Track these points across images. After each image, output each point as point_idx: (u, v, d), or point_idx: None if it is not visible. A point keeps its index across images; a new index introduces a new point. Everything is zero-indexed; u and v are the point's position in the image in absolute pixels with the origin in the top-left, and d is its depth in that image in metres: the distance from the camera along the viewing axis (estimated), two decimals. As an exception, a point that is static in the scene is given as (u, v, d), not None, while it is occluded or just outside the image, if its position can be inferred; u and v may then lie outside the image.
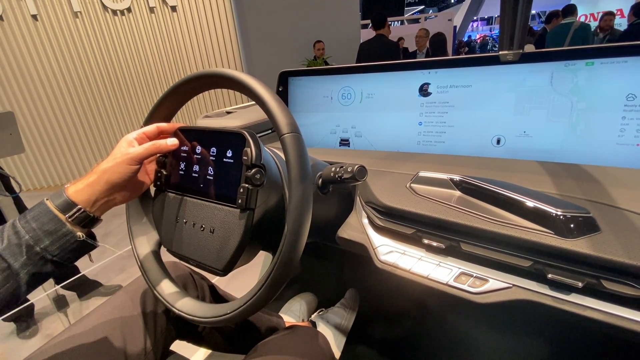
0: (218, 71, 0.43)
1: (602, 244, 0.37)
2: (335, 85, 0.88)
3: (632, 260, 0.35)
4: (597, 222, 0.40)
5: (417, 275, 0.48)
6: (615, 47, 0.60)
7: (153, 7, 3.45)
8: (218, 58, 3.74)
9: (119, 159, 0.44)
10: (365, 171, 0.48)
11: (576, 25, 3.04)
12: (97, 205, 0.44)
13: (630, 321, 0.36)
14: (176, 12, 3.54)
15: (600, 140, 0.62)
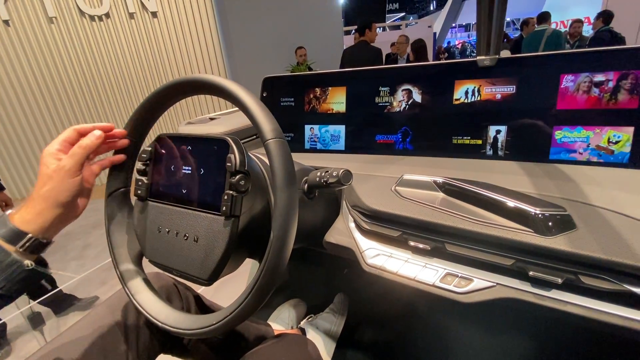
0: (201, 77, 0.43)
1: (579, 240, 0.39)
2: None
3: (607, 255, 0.36)
4: (574, 219, 0.42)
5: (404, 277, 0.48)
6: (586, 53, 0.63)
7: (133, 12, 3.39)
8: (201, 64, 3.71)
9: (58, 176, 0.42)
10: (351, 175, 0.49)
11: (549, 32, 3.18)
12: (50, 231, 0.42)
13: (607, 314, 0.37)
14: (157, 17, 3.49)
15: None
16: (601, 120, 0.62)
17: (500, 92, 0.70)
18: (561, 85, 0.64)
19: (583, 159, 0.63)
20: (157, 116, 0.51)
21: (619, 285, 0.37)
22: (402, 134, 0.81)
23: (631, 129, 0.60)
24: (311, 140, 0.92)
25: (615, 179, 0.54)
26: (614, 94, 0.60)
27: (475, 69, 0.71)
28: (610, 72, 0.60)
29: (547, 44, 3.13)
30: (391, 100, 0.81)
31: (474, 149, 0.73)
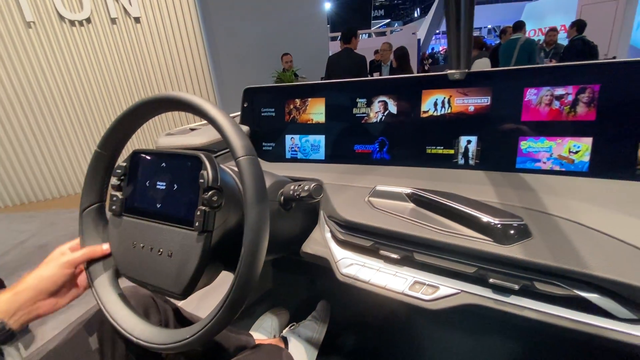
0: (174, 95, 0.44)
1: (533, 249, 0.41)
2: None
3: (557, 263, 0.39)
4: (530, 228, 0.44)
5: (376, 286, 0.50)
6: (547, 67, 0.67)
7: (115, 18, 3.35)
8: (186, 71, 3.68)
9: (53, 262, 0.44)
10: (322, 189, 0.50)
11: (522, 40, 3.32)
12: (17, 316, 0.41)
13: (559, 318, 0.39)
14: (140, 23, 3.45)
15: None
16: (562, 131, 0.65)
17: (470, 103, 0.73)
18: (525, 99, 0.68)
19: (547, 168, 0.67)
20: (132, 132, 0.52)
21: (570, 291, 0.39)
22: (379, 144, 0.83)
23: (589, 139, 0.63)
24: (292, 150, 0.93)
25: (574, 188, 0.57)
26: (573, 107, 0.64)
27: (447, 82, 0.74)
28: (570, 87, 0.64)
29: (520, 51, 3.28)
30: (368, 111, 0.83)
31: (447, 158, 0.76)
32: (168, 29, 3.51)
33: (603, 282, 0.38)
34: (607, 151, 0.62)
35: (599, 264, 0.38)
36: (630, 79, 0.59)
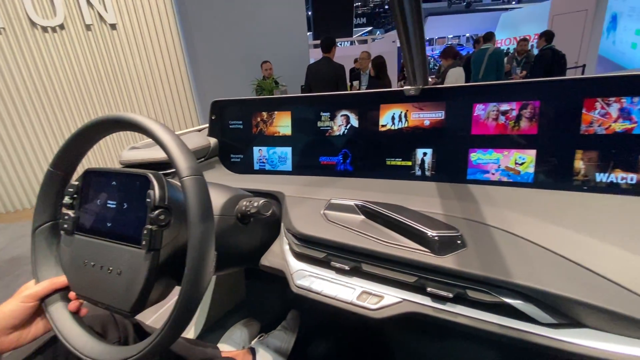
0: (118, 116, 0.45)
1: (465, 259, 0.44)
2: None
3: (485, 272, 0.42)
4: (465, 239, 0.47)
5: (327, 296, 0.52)
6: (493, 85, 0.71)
7: (90, 24, 3.29)
8: (164, 78, 3.65)
9: (14, 298, 0.44)
10: (270, 206, 0.52)
11: (490, 50, 3.49)
12: None
13: (488, 323, 0.42)
14: (116, 30, 3.41)
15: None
16: (508, 144, 0.69)
17: (425, 118, 0.77)
18: (474, 113, 0.72)
19: (495, 179, 0.71)
20: (85, 151, 0.52)
21: (497, 298, 0.42)
22: (342, 156, 0.86)
23: (533, 151, 0.68)
24: (260, 161, 0.95)
25: (515, 199, 0.61)
26: (517, 122, 0.68)
27: (403, 97, 0.78)
28: (513, 103, 0.68)
29: (489, 61, 3.45)
30: (332, 124, 0.86)
31: (405, 169, 0.79)
32: (146, 36, 3.48)
33: (525, 290, 0.41)
34: (548, 163, 0.66)
35: (522, 272, 0.42)
36: (565, 95, 0.64)
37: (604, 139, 0.62)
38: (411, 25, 0.54)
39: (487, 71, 3.45)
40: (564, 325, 0.40)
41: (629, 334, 0.37)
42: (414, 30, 0.55)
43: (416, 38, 0.59)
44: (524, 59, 4.25)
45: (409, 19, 0.51)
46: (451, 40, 13.46)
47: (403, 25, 0.54)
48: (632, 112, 0.60)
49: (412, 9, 0.48)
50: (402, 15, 0.49)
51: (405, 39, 0.59)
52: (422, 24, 0.56)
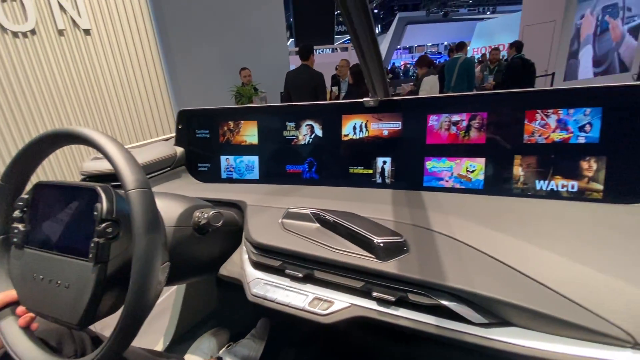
0: (65, 130, 0.45)
1: (407, 264, 0.47)
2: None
3: (423, 276, 0.45)
4: (409, 245, 0.50)
5: (281, 304, 0.53)
6: (445, 97, 0.75)
7: (62, 29, 3.21)
8: (141, 85, 3.59)
9: None
10: (220, 217, 0.53)
11: (462, 59, 3.65)
12: None
13: (427, 325, 0.45)
14: (90, 35, 3.33)
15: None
16: (460, 152, 0.73)
17: (383, 128, 0.80)
18: (428, 124, 0.75)
19: (449, 185, 0.74)
20: (36, 165, 0.52)
21: (435, 300, 0.45)
22: (308, 164, 0.88)
23: (483, 159, 0.72)
24: (227, 170, 0.96)
25: (462, 205, 0.65)
26: (467, 131, 0.73)
27: (363, 108, 0.81)
28: (463, 114, 0.72)
29: (460, 69, 3.61)
30: (297, 134, 0.88)
31: (367, 177, 0.82)
32: (121, 42, 3.42)
33: (459, 292, 0.43)
34: (495, 171, 0.70)
35: (457, 275, 0.44)
36: (509, 107, 0.68)
37: (544, 148, 0.67)
38: (365, 42, 0.57)
39: (459, 79, 3.60)
40: (494, 324, 0.43)
41: (551, 332, 0.40)
42: (368, 46, 0.58)
43: (371, 53, 0.62)
44: (496, 67, 4.44)
45: (362, 36, 0.54)
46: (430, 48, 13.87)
47: (357, 43, 0.56)
48: (568, 123, 0.65)
49: (365, 28, 0.50)
50: (355, 33, 0.52)
51: (361, 54, 0.62)
52: (376, 41, 0.59)
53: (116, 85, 3.46)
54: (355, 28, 0.50)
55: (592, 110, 0.63)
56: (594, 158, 0.63)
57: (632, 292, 0.38)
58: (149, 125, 3.68)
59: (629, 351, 0.36)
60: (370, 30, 0.52)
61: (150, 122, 3.67)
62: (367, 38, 0.54)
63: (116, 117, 3.53)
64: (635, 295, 0.38)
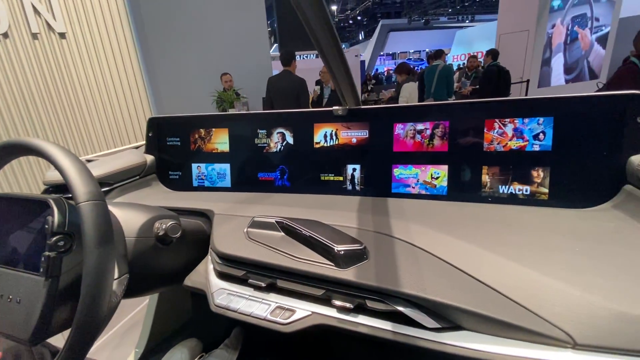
0: (13, 141, 0.44)
1: (364, 271, 0.48)
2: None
3: (380, 283, 0.46)
4: (369, 252, 0.51)
5: (243, 314, 0.53)
6: (410, 106, 0.78)
7: (36, 33, 3.11)
8: (120, 91, 3.51)
9: None
10: (179, 227, 0.53)
11: (440, 66, 3.78)
12: None
13: (384, 331, 0.46)
14: (66, 39, 3.25)
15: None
16: (425, 160, 0.76)
17: (352, 136, 0.81)
18: (395, 132, 0.77)
19: (415, 192, 0.76)
20: None
21: (391, 307, 0.46)
22: (280, 172, 0.88)
23: (446, 167, 0.74)
24: (199, 178, 0.95)
25: (424, 211, 0.66)
26: (431, 140, 0.75)
27: (333, 117, 0.82)
28: (427, 123, 0.75)
29: (439, 76, 3.72)
30: (268, 141, 0.89)
31: (337, 184, 0.83)
32: (99, 46, 3.35)
33: (413, 298, 0.45)
34: (457, 177, 0.73)
35: (412, 281, 0.46)
36: (469, 116, 0.71)
37: (502, 155, 0.70)
38: (331, 55, 0.58)
39: (439, 86, 3.70)
40: (446, 328, 0.44)
41: (498, 334, 0.42)
42: (335, 58, 0.59)
43: (337, 64, 0.64)
44: (473, 74, 4.58)
45: (326, 48, 0.55)
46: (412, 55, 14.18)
47: (322, 54, 0.58)
48: (524, 132, 0.68)
49: (328, 39, 0.51)
50: (319, 44, 0.53)
51: (328, 66, 0.63)
52: (342, 51, 0.60)
53: (93, 90, 3.38)
54: (318, 39, 0.51)
55: (545, 120, 0.66)
56: (547, 164, 0.66)
57: (572, 294, 0.40)
58: (128, 131, 3.60)
59: (569, 351, 0.38)
60: (334, 41, 0.53)
61: (130, 128, 3.59)
62: (332, 49, 0.55)
63: (93, 123, 3.44)
64: (575, 297, 0.40)
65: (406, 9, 13.46)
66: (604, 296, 0.39)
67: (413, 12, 13.17)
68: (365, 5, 13.05)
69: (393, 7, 14.23)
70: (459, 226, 0.58)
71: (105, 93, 3.43)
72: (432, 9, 12.98)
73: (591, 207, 0.62)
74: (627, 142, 0.60)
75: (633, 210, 0.56)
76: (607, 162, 0.61)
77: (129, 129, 3.59)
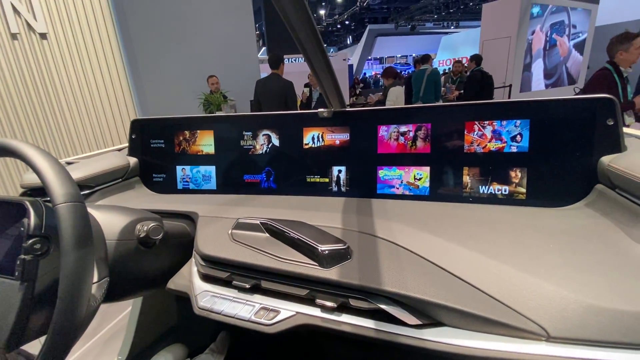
0: None
1: (348, 270, 0.48)
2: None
3: (363, 281, 0.46)
4: (352, 251, 0.52)
5: (227, 316, 0.53)
6: (394, 109, 0.79)
7: (16, 33, 3.03)
8: (103, 93, 3.44)
9: None
10: (161, 229, 0.52)
11: (429, 71, 3.85)
12: None
13: (366, 329, 0.46)
14: (47, 39, 3.17)
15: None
16: (408, 161, 0.77)
17: (338, 138, 0.82)
18: (379, 134, 0.79)
19: (400, 192, 0.78)
20: None
21: (374, 305, 0.46)
22: (266, 174, 0.88)
23: (428, 168, 0.76)
24: (183, 180, 0.94)
25: (407, 211, 0.68)
26: (414, 141, 0.76)
27: (318, 119, 0.83)
28: (410, 125, 0.76)
29: (428, 80, 3.80)
30: (254, 143, 0.89)
31: (323, 186, 0.83)
32: (81, 47, 3.27)
33: (395, 295, 0.45)
34: (439, 178, 0.75)
35: (394, 279, 0.46)
36: (450, 119, 0.73)
37: (482, 157, 0.72)
38: (315, 58, 0.58)
39: (427, 89, 3.78)
40: (427, 325, 0.45)
41: (477, 329, 0.43)
42: (319, 62, 0.60)
43: (322, 68, 0.64)
44: (458, 79, 4.69)
45: (311, 54, 0.55)
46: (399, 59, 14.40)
47: (307, 57, 0.58)
48: (502, 134, 0.70)
49: (312, 42, 0.52)
50: (303, 47, 0.54)
51: (314, 70, 0.64)
52: (327, 56, 0.61)
53: (75, 91, 3.30)
54: (302, 42, 0.52)
55: (522, 122, 0.68)
56: (524, 165, 0.68)
57: (546, 289, 0.42)
58: (112, 134, 3.52)
59: (543, 344, 0.40)
60: (318, 45, 0.54)
61: (113, 130, 3.52)
62: (316, 53, 0.56)
63: (75, 126, 3.36)
64: (549, 291, 0.42)
65: (393, 14, 13.69)
66: (575, 290, 0.41)
67: (400, 17, 13.41)
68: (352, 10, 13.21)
69: (380, 12, 14.46)
70: (440, 225, 0.60)
71: (88, 94, 3.35)
72: (418, 15, 13.24)
73: (566, 206, 0.64)
74: (598, 144, 0.63)
75: (604, 209, 0.58)
76: (580, 162, 0.64)
77: (112, 131, 3.52)
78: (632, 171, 0.53)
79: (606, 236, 0.51)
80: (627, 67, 2.07)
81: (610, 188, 0.59)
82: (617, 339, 0.37)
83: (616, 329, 0.37)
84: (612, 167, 0.58)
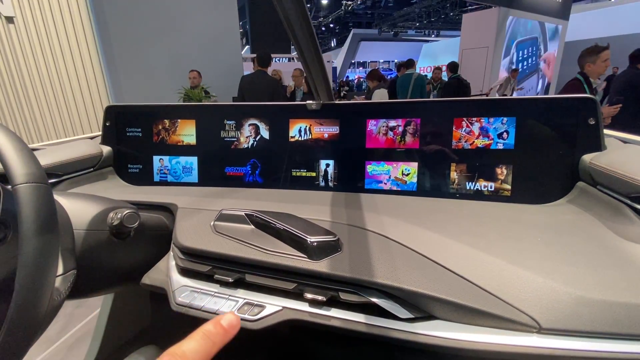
0: None
1: (337, 263, 0.46)
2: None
3: (354, 274, 0.44)
4: (342, 243, 0.50)
5: (207, 312, 0.49)
6: (382, 103, 0.78)
7: (-21, 16, 2.82)
8: (75, 82, 3.26)
9: None
10: (136, 217, 0.49)
11: (415, 75, 3.93)
12: None
13: (357, 323, 0.44)
14: (13, 24, 2.97)
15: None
16: (396, 156, 0.76)
17: (326, 131, 0.80)
18: (367, 128, 0.77)
19: (387, 188, 0.77)
20: None
21: (365, 298, 0.45)
22: (251, 167, 0.85)
23: (416, 164, 0.75)
24: (161, 172, 0.89)
25: (396, 206, 0.67)
26: (403, 137, 0.76)
27: (307, 111, 0.80)
28: (400, 119, 0.76)
29: (415, 85, 3.88)
30: (238, 134, 0.85)
31: (310, 180, 0.81)
32: (51, 32, 3.09)
33: (386, 288, 0.44)
34: (427, 174, 0.74)
35: (385, 272, 0.45)
36: (439, 114, 0.73)
37: (469, 153, 0.72)
38: (306, 48, 0.56)
39: (414, 94, 3.87)
40: (419, 318, 0.44)
41: (469, 322, 0.42)
42: (309, 51, 0.58)
43: (312, 57, 0.62)
44: (438, 85, 4.82)
45: (302, 42, 0.53)
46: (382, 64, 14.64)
47: (299, 48, 0.56)
48: (489, 130, 0.71)
49: (304, 30, 0.50)
50: (296, 39, 0.52)
51: (303, 60, 0.62)
52: (318, 46, 0.59)
53: (43, 79, 3.11)
54: (294, 30, 0.50)
55: (508, 120, 0.69)
56: (510, 162, 0.69)
57: (538, 281, 0.42)
58: (82, 122, 3.34)
59: (534, 336, 0.39)
60: (310, 33, 0.52)
61: (84, 119, 3.34)
62: (310, 44, 0.54)
63: (42, 113, 3.16)
64: (540, 283, 0.42)
65: (377, 20, 13.90)
66: (564, 282, 0.41)
67: (383, 23, 13.64)
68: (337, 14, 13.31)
69: (364, 17, 14.65)
70: (430, 219, 0.59)
71: (57, 82, 3.17)
72: (401, 22, 13.53)
73: (549, 203, 0.65)
74: (580, 142, 0.64)
75: (586, 205, 0.60)
76: (563, 160, 0.65)
77: (83, 120, 3.34)
78: (613, 168, 0.54)
79: (590, 230, 0.52)
80: (596, 79, 2.19)
81: (592, 185, 0.61)
82: (607, 330, 0.37)
83: (606, 320, 0.37)
84: (594, 165, 0.59)
